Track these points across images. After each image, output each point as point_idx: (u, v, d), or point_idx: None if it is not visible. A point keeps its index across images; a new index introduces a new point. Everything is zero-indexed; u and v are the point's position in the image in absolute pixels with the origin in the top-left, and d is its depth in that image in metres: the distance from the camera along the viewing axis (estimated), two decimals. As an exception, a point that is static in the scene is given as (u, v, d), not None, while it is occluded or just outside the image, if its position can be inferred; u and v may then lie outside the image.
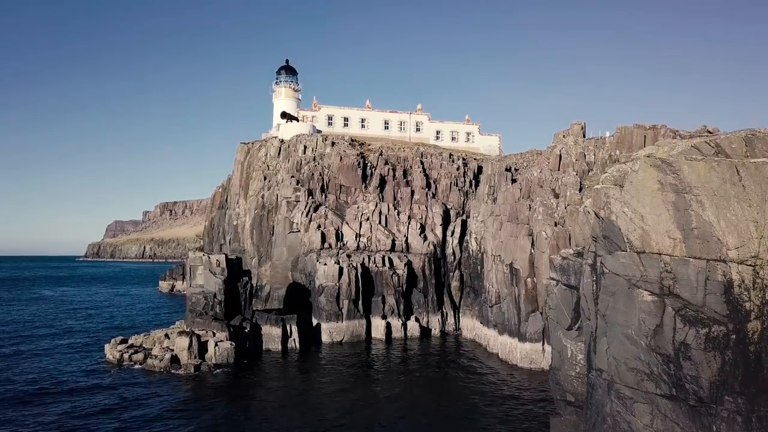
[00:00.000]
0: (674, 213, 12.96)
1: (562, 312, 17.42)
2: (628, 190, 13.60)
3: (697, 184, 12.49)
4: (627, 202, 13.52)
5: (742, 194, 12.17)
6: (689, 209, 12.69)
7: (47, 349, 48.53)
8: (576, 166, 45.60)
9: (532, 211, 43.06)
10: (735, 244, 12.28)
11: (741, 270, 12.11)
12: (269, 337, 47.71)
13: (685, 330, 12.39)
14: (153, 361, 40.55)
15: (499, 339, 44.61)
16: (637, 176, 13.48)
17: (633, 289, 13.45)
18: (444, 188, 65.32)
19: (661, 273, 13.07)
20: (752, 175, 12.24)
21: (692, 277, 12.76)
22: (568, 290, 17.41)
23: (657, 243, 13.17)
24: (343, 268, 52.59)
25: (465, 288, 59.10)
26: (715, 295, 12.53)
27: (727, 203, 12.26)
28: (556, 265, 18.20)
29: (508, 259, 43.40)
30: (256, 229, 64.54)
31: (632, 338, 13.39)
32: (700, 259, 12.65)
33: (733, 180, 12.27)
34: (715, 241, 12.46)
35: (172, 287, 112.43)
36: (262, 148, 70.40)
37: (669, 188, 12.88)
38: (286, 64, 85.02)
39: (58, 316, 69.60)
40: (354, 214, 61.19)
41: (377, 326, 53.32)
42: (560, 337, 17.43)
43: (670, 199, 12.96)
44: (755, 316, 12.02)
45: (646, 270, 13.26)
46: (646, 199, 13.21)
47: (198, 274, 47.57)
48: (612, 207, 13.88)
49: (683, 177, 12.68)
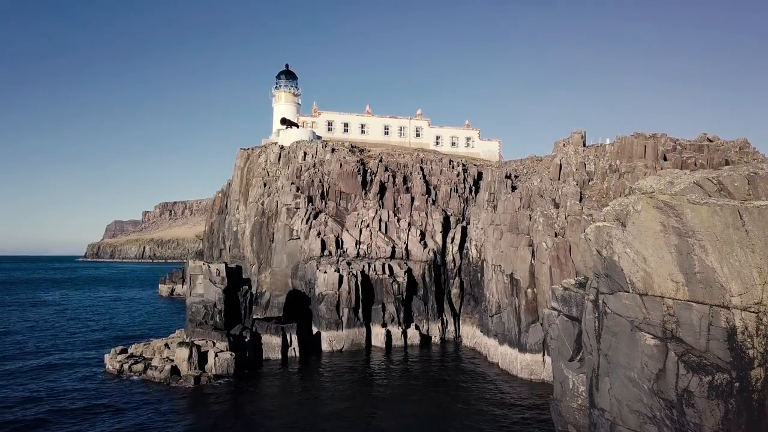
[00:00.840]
0: (677, 256, 12.92)
1: (563, 343, 17.38)
2: (630, 230, 13.57)
3: (700, 229, 12.44)
4: (629, 243, 13.49)
5: (746, 239, 12.13)
6: (692, 253, 12.66)
7: (46, 359, 48.37)
8: (576, 175, 45.57)
9: (532, 221, 43.02)
10: (738, 290, 12.23)
11: (744, 317, 12.06)
12: (269, 346, 47.68)
13: (689, 377, 12.35)
14: (153, 372, 40.49)
15: (499, 349, 44.58)
16: (639, 217, 13.43)
17: (636, 331, 13.42)
18: (444, 195, 65.28)
19: (664, 316, 13.03)
20: (755, 220, 12.19)
21: (695, 322, 12.72)
22: (570, 322, 17.37)
23: (660, 286, 13.13)
24: (343, 276, 52.54)
25: (465, 295, 59.06)
26: (718, 341, 12.48)
27: (730, 248, 12.22)
28: (557, 296, 18.14)
29: (508, 270, 43.35)
30: (256, 235, 64.49)
31: (635, 381, 13.36)
32: (703, 304, 12.62)
33: (736, 225, 12.22)
34: (718, 287, 12.42)
35: (172, 291, 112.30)
36: (261, 154, 70.34)
37: (671, 231, 12.84)
38: (286, 68, 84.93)
39: (58, 323, 69.46)
40: (354, 220, 61.15)
41: (377, 334, 53.28)
42: (562, 368, 17.39)
43: (673, 242, 12.93)
44: (759, 363, 11.98)
45: (648, 312, 13.23)
46: (649, 240, 13.18)
47: (198, 283, 47.54)
48: (614, 247, 13.85)
49: (686, 221, 12.64)
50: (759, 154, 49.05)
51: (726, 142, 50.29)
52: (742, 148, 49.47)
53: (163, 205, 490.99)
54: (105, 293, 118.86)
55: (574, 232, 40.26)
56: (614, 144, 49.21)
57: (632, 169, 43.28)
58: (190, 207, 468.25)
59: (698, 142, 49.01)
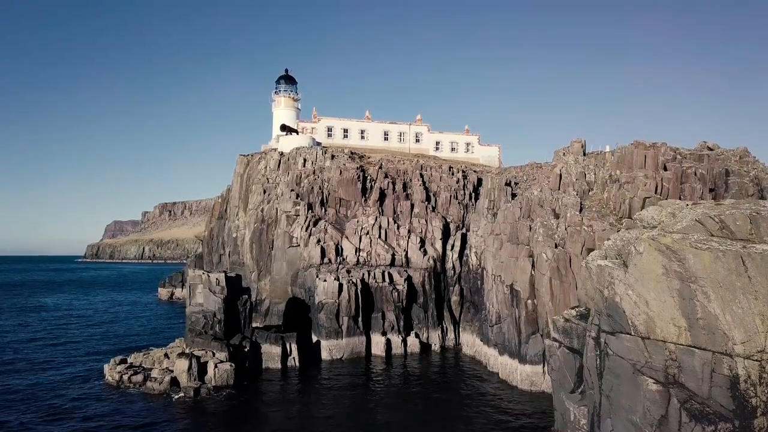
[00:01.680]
0: (679, 301, 12.84)
1: (564, 375, 17.32)
2: (632, 272, 13.49)
3: (703, 275, 12.36)
4: (631, 285, 13.41)
5: (748, 286, 12.04)
6: (694, 299, 12.58)
7: (45, 369, 48.24)
8: (576, 185, 45.50)
9: (532, 231, 42.96)
10: (741, 338, 12.14)
11: (747, 365, 11.96)
12: (269, 355, 47.63)
13: (691, 425, 12.27)
14: (153, 384, 40.40)
15: (499, 359, 44.52)
16: (641, 259, 13.35)
17: (638, 374, 13.34)
18: (444, 201, 65.23)
19: (666, 361, 12.96)
20: (758, 266, 12.10)
21: (698, 368, 12.63)
22: (571, 354, 17.30)
23: (662, 330, 13.05)
24: (342, 284, 52.48)
25: (465, 303, 59.02)
26: (721, 389, 12.40)
27: (732, 295, 12.13)
28: (558, 327, 18.07)
29: (508, 280, 43.29)
30: (256, 242, 64.40)
31: (637, 425, 13.28)
32: (706, 351, 12.54)
33: (739, 271, 12.13)
34: (720, 334, 12.33)
35: (172, 294, 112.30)
36: (261, 160, 70.25)
37: (674, 275, 12.77)
38: (286, 73, 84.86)
39: (57, 330, 69.23)
40: (354, 228, 61.08)
41: (377, 343, 53.22)
42: (563, 399, 17.33)
43: (675, 286, 12.84)
44: (762, 412, 11.89)
45: (651, 356, 13.16)
46: (651, 283, 13.10)
47: (197, 293, 47.48)
48: (616, 288, 13.77)
49: (688, 266, 12.56)
50: (759, 163, 48.99)
51: (726, 151, 50.21)
52: (742, 157, 49.42)
53: (162, 206, 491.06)
54: (105, 297, 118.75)
55: (575, 243, 40.24)
56: (614, 153, 49.15)
57: (632, 179, 43.22)
58: (189, 207, 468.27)
59: (698, 151, 48.93)
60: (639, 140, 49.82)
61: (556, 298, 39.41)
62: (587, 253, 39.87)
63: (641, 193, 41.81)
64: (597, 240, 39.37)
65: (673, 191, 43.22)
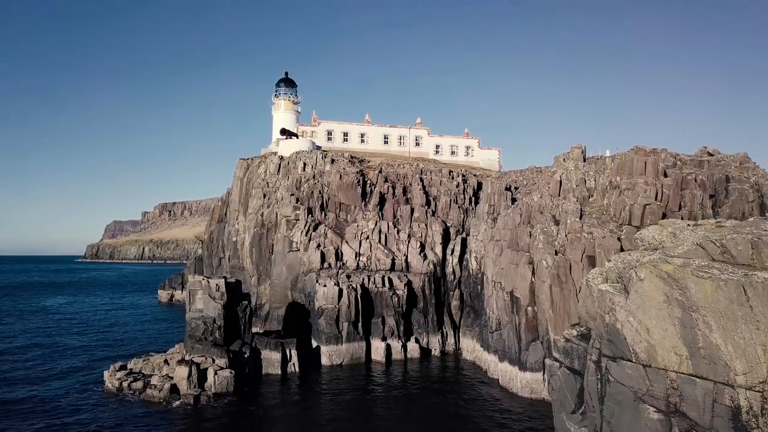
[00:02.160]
0: (680, 329, 12.80)
1: (565, 396, 17.29)
2: (633, 299, 13.45)
3: (704, 304, 12.32)
4: (632, 312, 13.38)
5: (750, 315, 12.00)
6: (696, 328, 12.54)
7: (45, 375, 48.16)
8: (576, 192, 45.47)
9: (532, 238, 42.92)
10: (743, 369, 12.10)
11: (749, 396, 11.92)
12: (269, 361, 47.59)
13: None
14: (152, 392, 40.35)
15: (499, 365, 44.48)
16: (642, 286, 13.31)
17: (639, 402, 13.31)
18: (443, 205, 65.18)
19: (668, 389, 12.93)
20: (759, 296, 12.06)
21: (699, 397, 12.60)
22: (572, 375, 17.27)
23: (663, 359, 13.02)
24: (342, 289, 52.43)
25: (465, 307, 59.00)
26: (723, 419, 12.36)
27: (734, 325, 12.09)
28: (559, 347, 18.05)
29: (508, 287, 43.25)
30: (256, 247, 64.35)
31: (638, 452, 13.27)
32: (707, 380, 12.50)
33: (740, 300, 12.10)
34: (722, 365, 12.29)
35: (171, 297, 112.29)
36: (261, 164, 70.18)
37: (675, 303, 12.74)
38: (286, 76, 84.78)
39: (57, 335, 69.14)
40: (354, 232, 61.03)
41: (377, 348, 53.17)
42: (564, 420, 17.29)
43: (677, 314, 12.81)
44: (763, 443, 11.87)
45: (652, 384, 13.12)
46: (652, 311, 13.07)
47: (197, 299, 47.43)
48: (617, 314, 13.74)
49: (690, 295, 12.52)
50: (759, 169, 48.96)
51: (726, 157, 50.18)
52: (743, 162, 49.38)
53: (162, 206, 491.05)
54: (104, 299, 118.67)
55: (575, 251, 40.19)
56: (614, 158, 49.10)
57: (632, 185, 43.18)
58: (189, 208, 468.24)
59: (698, 157, 48.94)
60: (639, 146, 49.78)
61: (557, 306, 39.37)
62: (587, 260, 39.89)
63: (641, 200, 41.75)
64: (597, 247, 39.34)
65: (674, 198, 43.20)
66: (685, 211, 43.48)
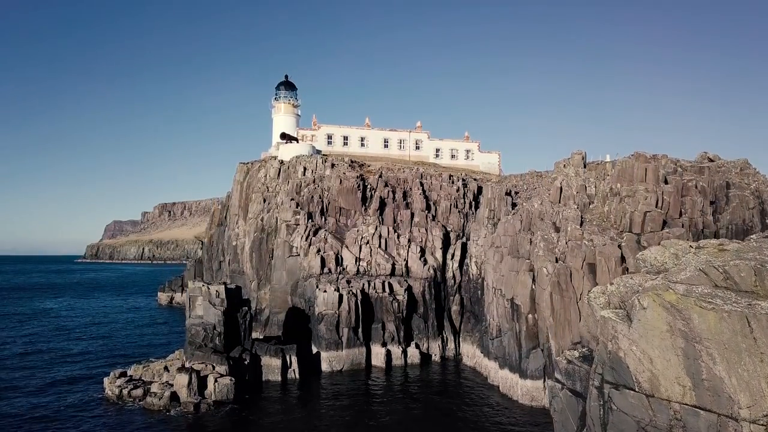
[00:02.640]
0: (684, 360, 12.76)
1: (567, 418, 17.25)
2: (636, 328, 13.40)
3: (708, 336, 12.28)
4: (635, 341, 13.34)
5: (754, 347, 11.96)
6: (699, 359, 12.50)
7: (45, 383, 47.84)
8: (577, 198, 45.42)
9: (533, 245, 42.89)
10: (747, 402, 12.05)
11: (753, 429, 11.84)
12: (269, 368, 47.55)
13: None
14: (152, 399, 40.29)
15: (499, 372, 44.45)
16: (645, 314, 13.26)
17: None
18: (444, 210, 65.13)
19: (671, 420, 12.88)
20: (763, 328, 12.01)
21: (702, 429, 12.53)
22: (574, 397, 17.23)
23: (666, 389, 12.97)
24: (342, 295, 52.37)
25: (465, 312, 58.97)
26: None
27: (738, 357, 12.05)
28: (561, 369, 18.01)
29: (509, 294, 43.22)
30: (256, 252, 64.30)
31: (641, 483, 13.21)
32: (711, 412, 12.45)
33: (744, 332, 12.05)
34: (726, 397, 12.25)
35: (171, 299, 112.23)
36: (261, 168, 70.13)
37: (678, 333, 12.69)
38: (286, 79, 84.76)
39: (56, 341, 68.77)
40: (354, 237, 60.98)
41: (377, 354, 53.12)
42: (565, 441, 17.33)
43: (680, 345, 12.76)
44: (767, 477, 11.82)
45: (655, 415, 13.08)
46: (655, 341, 13.02)
47: (197, 305, 47.40)
48: (620, 342, 13.70)
49: (693, 326, 12.47)
50: (759, 175, 48.92)
51: (727, 163, 50.12)
52: (743, 169, 49.34)
53: (162, 206, 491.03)
54: (104, 302, 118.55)
55: (575, 258, 40.14)
56: (614, 163, 49.05)
57: (633, 192, 43.13)
58: (189, 208, 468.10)
59: (698, 163, 48.86)
60: (639, 152, 49.76)
61: (557, 313, 39.33)
62: (588, 267, 39.84)
63: (642, 207, 41.72)
64: (598, 255, 39.30)
65: (674, 205, 43.15)
66: (686, 218, 43.43)
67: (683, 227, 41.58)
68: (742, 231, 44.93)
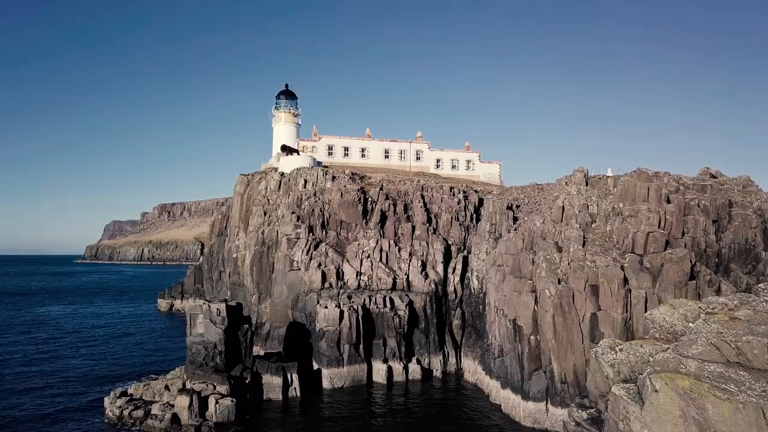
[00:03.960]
0: None
1: (574, 481, 17.16)
2: (648, 411, 13.23)
3: (723, 428, 12.11)
4: (647, 425, 13.17)
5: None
6: None
7: (43, 402, 47.48)
8: (579, 217, 45.27)
9: (535, 265, 42.73)
10: None
11: None
12: (270, 386, 47.39)
13: None
14: (153, 422, 40.13)
15: (501, 392, 44.31)
16: (657, 398, 13.08)
17: None
18: (445, 223, 64.96)
19: None
20: None
21: None
22: (582, 460, 17.18)
23: None
24: (343, 311, 52.20)
25: (467, 327, 58.82)
26: None
27: None
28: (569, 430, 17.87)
29: (511, 314, 43.06)
30: (256, 265, 64.13)
31: None
32: None
33: (759, 424, 11.87)
34: None
35: (171, 306, 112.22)
36: (261, 180, 69.95)
37: (692, 421, 12.51)
38: (286, 88, 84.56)
39: (54, 354, 68.00)
40: (354, 251, 60.81)
41: (378, 370, 52.97)
42: (572, 503, 17.18)
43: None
44: None
45: None
46: (668, 426, 12.84)
47: (198, 323, 47.24)
48: (632, 425, 13.52)
49: (707, 415, 12.30)
50: (762, 193, 48.78)
51: (729, 180, 49.99)
52: (745, 186, 49.22)
53: (161, 207, 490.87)
54: (104, 309, 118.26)
55: (578, 279, 40.00)
56: (616, 179, 48.89)
57: (635, 212, 42.98)
58: (188, 209, 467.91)
59: (701, 181, 48.71)
60: (642, 168, 49.61)
61: (559, 336, 39.21)
62: (591, 289, 39.70)
63: (644, 228, 41.55)
64: (600, 276, 39.16)
65: (677, 225, 43.00)
66: (688, 237, 43.31)
67: (686, 248, 41.43)
68: (744, 251, 44.84)
